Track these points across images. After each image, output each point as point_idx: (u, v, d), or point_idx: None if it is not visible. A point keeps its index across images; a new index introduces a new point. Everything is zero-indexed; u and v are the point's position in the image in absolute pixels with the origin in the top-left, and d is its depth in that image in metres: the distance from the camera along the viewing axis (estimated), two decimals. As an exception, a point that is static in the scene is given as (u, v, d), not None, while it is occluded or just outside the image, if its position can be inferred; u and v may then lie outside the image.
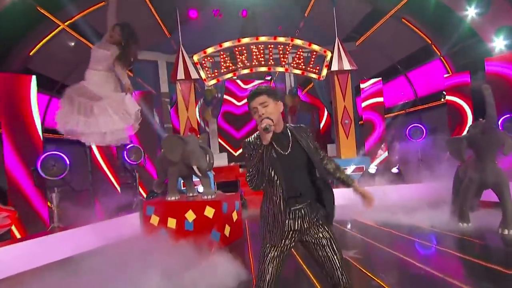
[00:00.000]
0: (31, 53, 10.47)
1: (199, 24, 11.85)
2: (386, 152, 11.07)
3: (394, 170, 9.71)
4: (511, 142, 5.59)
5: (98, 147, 8.73)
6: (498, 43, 10.12)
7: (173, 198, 6.73)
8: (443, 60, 12.23)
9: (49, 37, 10.70)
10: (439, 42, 12.07)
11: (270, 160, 2.38)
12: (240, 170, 11.62)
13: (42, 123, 8.31)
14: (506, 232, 5.38)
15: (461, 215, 6.02)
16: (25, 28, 9.98)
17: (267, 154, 2.32)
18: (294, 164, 2.47)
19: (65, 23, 10.68)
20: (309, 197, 2.48)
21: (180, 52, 10.12)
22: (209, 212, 6.33)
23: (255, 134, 2.50)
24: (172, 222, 6.48)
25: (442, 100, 11.91)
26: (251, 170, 2.39)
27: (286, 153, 2.47)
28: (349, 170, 10.01)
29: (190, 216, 6.39)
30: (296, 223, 2.45)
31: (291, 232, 2.47)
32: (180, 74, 10.03)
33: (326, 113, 13.94)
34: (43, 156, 7.13)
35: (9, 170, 7.27)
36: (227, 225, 6.37)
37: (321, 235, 2.50)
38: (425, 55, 12.57)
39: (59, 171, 7.40)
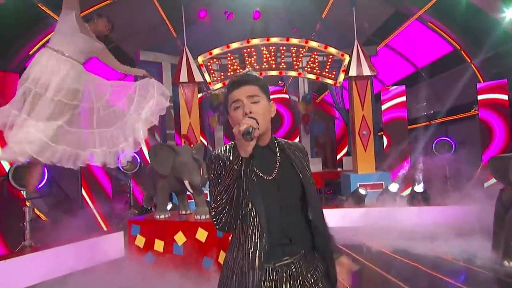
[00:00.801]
0: (30, 52, 9.91)
1: (207, 25, 11.07)
2: (409, 168, 9.94)
3: (419, 188, 8.54)
4: None
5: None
6: None
7: (161, 217, 5.79)
8: (474, 67, 11.10)
9: (49, 36, 10.17)
10: (469, 47, 11.00)
11: (248, 184, 1.55)
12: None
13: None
14: None
15: (507, 251, 4.92)
16: (26, 26, 9.54)
17: (246, 174, 1.52)
18: (282, 195, 1.70)
19: None
20: (303, 246, 1.72)
21: (184, 53, 9.36)
22: (201, 235, 5.37)
23: (227, 146, 1.75)
24: (159, 245, 5.55)
25: (473, 111, 10.84)
26: (218, 199, 1.56)
27: (271, 178, 1.69)
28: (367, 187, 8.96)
29: (180, 238, 5.45)
30: (283, 286, 1.64)
31: None
32: (183, 77, 9.25)
33: (342, 123, 12.95)
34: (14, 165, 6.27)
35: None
36: (222, 252, 5.41)
37: None
38: (453, 61, 11.51)
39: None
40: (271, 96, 1.76)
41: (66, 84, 4.22)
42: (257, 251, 1.58)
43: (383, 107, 10.45)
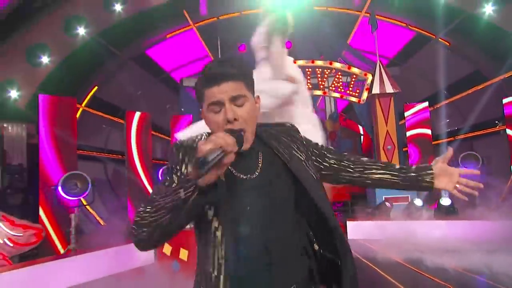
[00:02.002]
0: (98, 84, 10.22)
1: (242, 54, 10.46)
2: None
3: (446, 201, 7.10)
4: None
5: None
6: None
7: (187, 226, 4.86)
8: (497, 85, 9.50)
9: (116, 70, 10.51)
10: (491, 65, 9.47)
11: (213, 188, 0.89)
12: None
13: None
14: None
15: None
16: (96, 63, 9.77)
17: (196, 206, 0.92)
18: (267, 201, 1.06)
19: (130, 58, 10.45)
20: (300, 272, 1.09)
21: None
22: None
23: (200, 135, 1.13)
24: (184, 254, 4.91)
25: (497, 127, 9.24)
26: (147, 211, 0.97)
27: (253, 177, 1.07)
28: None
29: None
30: None
31: None
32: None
33: (367, 139, 11.69)
34: (65, 175, 5.73)
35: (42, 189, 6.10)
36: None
37: None
38: (475, 79, 10.09)
39: (81, 191, 6.00)
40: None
41: None
42: (222, 276, 0.98)
43: (407, 123, 9.32)
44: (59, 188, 5.82)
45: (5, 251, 5.15)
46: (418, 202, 7.32)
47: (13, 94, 7.80)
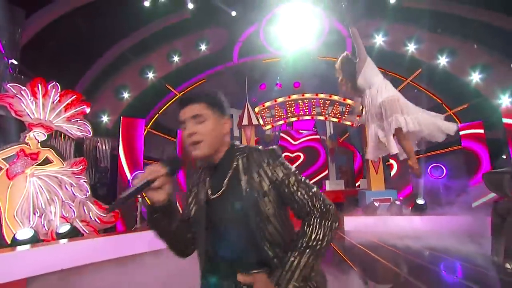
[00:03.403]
0: (160, 112, 10.77)
1: (263, 90, 11.02)
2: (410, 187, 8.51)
3: (421, 201, 7.18)
4: None
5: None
6: (504, 100, 8.29)
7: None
8: (453, 115, 9.59)
9: (170, 102, 11.08)
10: (450, 100, 9.66)
11: (196, 205, 1.00)
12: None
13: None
14: None
15: (509, 255, 3.63)
16: (158, 98, 10.43)
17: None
18: (232, 219, 0.93)
19: (180, 94, 10.73)
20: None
21: (246, 107, 9.13)
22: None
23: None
24: None
25: (454, 147, 9.30)
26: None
27: (215, 196, 0.97)
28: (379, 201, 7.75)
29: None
30: None
31: None
32: (245, 122, 8.93)
33: (358, 155, 11.75)
34: (133, 174, 6.36)
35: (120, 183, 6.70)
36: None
37: None
38: (438, 110, 9.89)
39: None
40: (308, 137, 0.94)
41: None
42: (205, 283, 0.97)
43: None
44: (130, 183, 6.43)
45: (94, 225, 5.76)
46: (398, 202, 7.41)
47: (104, 118, 8.71)
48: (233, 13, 9.09)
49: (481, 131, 8.20)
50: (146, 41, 8.85)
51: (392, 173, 9.50)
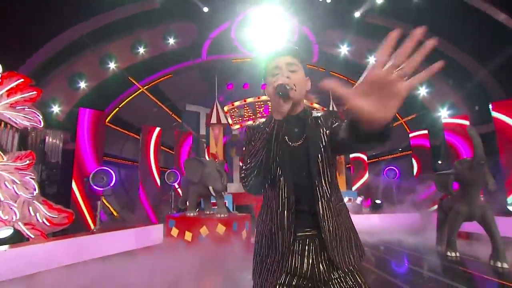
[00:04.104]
0: (120, 106, 10.15)
1: (232, 90, 10.82)
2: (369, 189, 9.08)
3: (378, 200, 7.74)
4: (493, 180, 3.83)
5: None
6: (443, 112, 9.58)
7: (191, 214, 5.02)
8: (404, 124, 10.63)
9: (133, 96, 10.46)
10: (400, 110, 10.59)
11: (278, 149, 1.05)
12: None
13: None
14: (498, 264, 3.53)
15: (450, 245, 4.11)
16: (119, 91, 9.84)
17: (278, 139, 1.02)
18: (307, 165, 1.05)
19: (144, 87, 10.37)
20: (328, 219, 1.02)
21: (215, 105, 8.86)
22: (220, 229, 4.58)
23: (263, 119, 1.22)
24: (188, 235, 4.78)
25: (403, 152, 10.30)
26: (248, 162, 1.03)
27: (296, 145, 1.08)
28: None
29: (204, 231, 4.65)
30: (305, 260, 1.00)
31: (294, 279, 1.00)
32: (213, 120, 8.67)
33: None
34: (95, 170, 5.68)
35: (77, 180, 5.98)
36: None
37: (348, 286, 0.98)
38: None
39: (106, 184, 5.93)
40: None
41: None
42: (285, 212, 1.03)
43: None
44: (90, 180, 5.75)
45: (42, 228, 5.05)
46: (358, 200, 7.87)
47: (55, 109, 7.68)
48: (205, 9, 8.80)
49: (427, 138, 9.08)
50: (108, 28, 8.07)
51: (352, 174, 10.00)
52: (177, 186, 7.59)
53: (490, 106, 6.31)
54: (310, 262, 1.00)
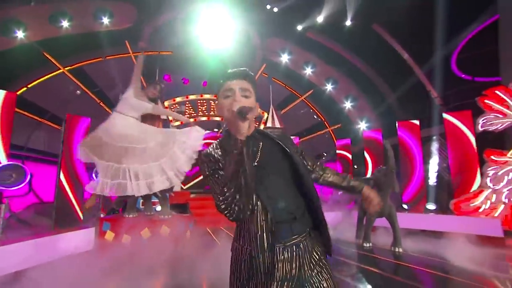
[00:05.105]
0: (29, 85, 8.40)
1: (171, 84, 10.11)
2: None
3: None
4: (398, 183, 4.89)
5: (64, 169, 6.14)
6: (362, 125, 11.00)
7: (130, 215, 4.49)
8: (331, 132, 11.95)
9: (48, 76, 8.72)
10: (329, 119, 12.01)
11: (252, 167, 1.04)
12: (191, 195, 9.29)
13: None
14: (397, 250, 4.54)
15: (366, 237, 4.94)
16: (29, 67, 8.16)
17: (249, 155, 1.01)
18: (272, 177, 1.11)
19: (65, 68, 8.84)
20: (307, 223, 1.14)
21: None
22: (165, 231, 4.27)
23: (213, 144, 1.12)
24: (126, 239, 4.24)
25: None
26: (226, 191, 1.00)
27: (257, 163, 1.10)
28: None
29: (146, 233, 4.23)
30: (293, 265, 1.06)
31: (283, 283, 1.04)
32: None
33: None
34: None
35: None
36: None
37: (323, 280, 1.10)
38: (319, 127, 12.10)
39: (15, 182, 4.80)
40: (208, 141, 1.19)
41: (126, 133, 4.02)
42: (264, 234, 1.05)
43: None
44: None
45: None
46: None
47: None
48: (149, -8, 8.04)
49: (349, 147, 10.34)
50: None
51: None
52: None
53: (397, 124, 7.71)
54: (298, 264, 1.07)
